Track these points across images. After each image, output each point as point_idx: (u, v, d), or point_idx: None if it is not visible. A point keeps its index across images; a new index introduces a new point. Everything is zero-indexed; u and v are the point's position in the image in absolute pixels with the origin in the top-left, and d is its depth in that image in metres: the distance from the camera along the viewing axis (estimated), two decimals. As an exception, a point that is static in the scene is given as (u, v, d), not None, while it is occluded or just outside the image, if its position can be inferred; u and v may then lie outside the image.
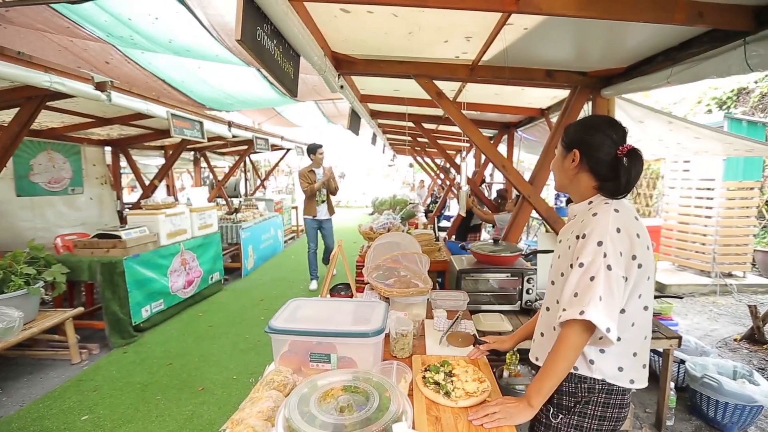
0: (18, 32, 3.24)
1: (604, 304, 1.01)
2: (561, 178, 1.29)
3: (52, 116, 3.96)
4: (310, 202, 5.17)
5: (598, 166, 1.16)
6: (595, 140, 1.16)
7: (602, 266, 1.02)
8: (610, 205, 1.11)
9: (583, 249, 1.07)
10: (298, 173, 5.20)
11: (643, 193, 8.98)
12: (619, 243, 1.05)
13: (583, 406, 1.15)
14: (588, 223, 1.09)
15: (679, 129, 3.08)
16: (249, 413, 1.10)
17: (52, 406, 2.70)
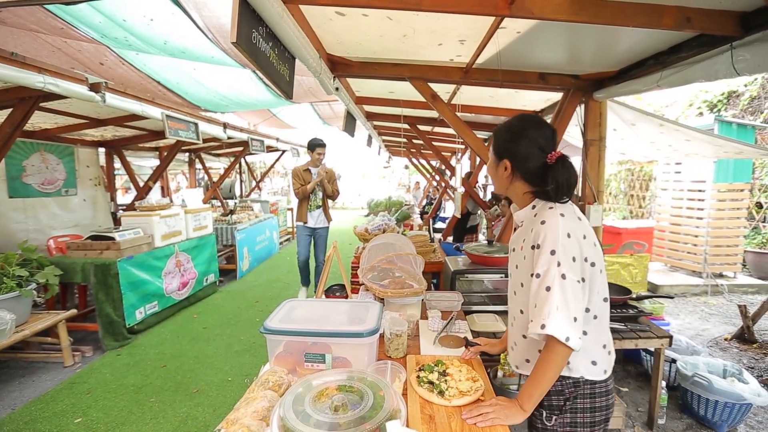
0: (11, 33, 3.22)
1: (561, 314, 1.02)
2: (498, 185, 1.30)
3: (45, 117, 3.93)
4: (302, 206, 4.62)
5: (529, 174, 1.18)
6: (522, 149, 1.17)
7: (557, 276, 1.03)
8: (555, 210, 1.11)
9: (538, 259, 1.08)
10: (292, 171, 4.71)
11: (635, 195, 9.07)
12: (570, 248, 1.06)
13: (572, 403, 1.16)
14: (539, 232, 1.09)
15: (670, 131, 3.12)
16: (244, 413, 1.10)
17: (44, 410, 2.68)
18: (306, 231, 4.66)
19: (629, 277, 3.26)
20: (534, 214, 1.17)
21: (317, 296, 2.14)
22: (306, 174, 4.55)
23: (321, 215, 4.69)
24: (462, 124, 2.90)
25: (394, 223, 3.77)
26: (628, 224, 6.34)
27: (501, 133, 1.24)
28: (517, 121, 1.22)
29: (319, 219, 4.67)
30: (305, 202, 4.57)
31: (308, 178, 4.53)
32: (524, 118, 1.22)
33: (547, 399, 1.18)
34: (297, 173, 4.57)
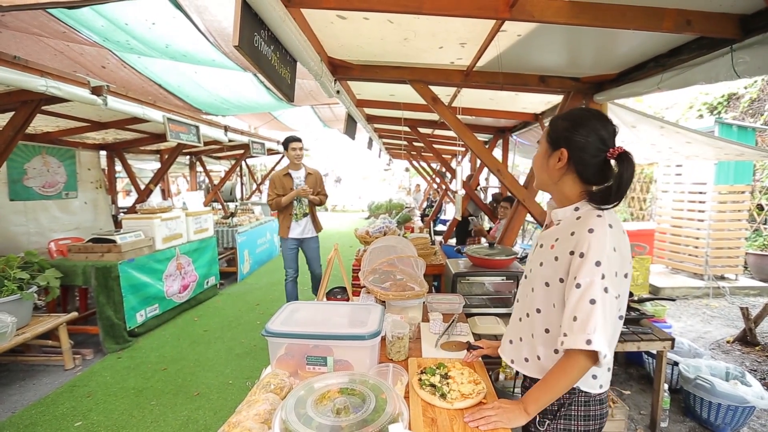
0: (14, 36, 3.23)
1: (603, 330, 0.98)
2: (543, 177, 1.21)
3: (47, 120, 3.94)
4: (284, 217, 3.92)
5: (586, 169, 1.10)
6: (584, 139, 1.07)
7: (600, 288, 0.99)
8: (603, 219, 1.05)
9: (581, 268, 1.01)
10: (270, 179, 4.05)
11: (636, 197, 9.07)
12: (614, 263, 1.02)
13: (567, 409, 1.14)
14: (584, 240, 1.03)
15: (671, 134, 3.13)
16: (246, 416, 1.10)
17: (45, 413, 2.67)
18: (292, 244, 3.98)
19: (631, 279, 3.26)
20: (577, 217, 1.10)
21: (318, 299, 2.14)
22: (286, 180, 3.90)
23: (309, 224, 4.04)
24: (463, 126, 2.91)
25: (395, 225, 3.77)
26: (629, 226, 6.33)
27: (560, 121, 1.15)
28: (579, 111, 1.15)
29: (306, 228, 4.02)
30: (288, 211, 3.90)
31: (289, 184, 3.89)
32: (587, 109, 1.15)
33: None
34: (274, 181, 3.92)
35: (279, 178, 3.91)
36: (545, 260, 1.15)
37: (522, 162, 7.66)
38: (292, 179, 3.91)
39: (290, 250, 4.02)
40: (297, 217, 3.93)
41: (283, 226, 3.94)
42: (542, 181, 1.22)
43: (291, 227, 3.91)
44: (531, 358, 1.20)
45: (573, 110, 1.17)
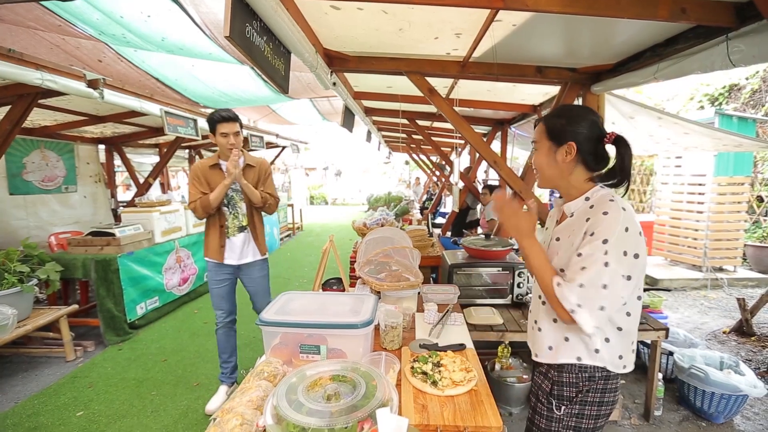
0: (9, 30, 3.23)
1: (582, 291, 1.04)
2: (552, 175, 1.23)
3: (45, 114, 3.94)
4: (211, 231, 2.66)
5: (591, 156, 1.16)
6: (587, 130, 1.15)
7: (599, 261, 1.04)
8: (617, 203, 1.10)
9: (587, 244, 1.08)
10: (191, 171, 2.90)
11: (637, 189, 9.05)
12: (624, 242, 1.05)
13: (584, 395, 1.18)
14: (597, 221, 1.08)
15: (669, 125, 3.12)
16: (239, 402, 1.12)
17: (47, 403, 2.72)
18: (224, 272, 2.67)
19: (627, 271, 3.27)
20: (590, 206, 1.15)
21: (314, 290, 2.16)
22: (213, 173, 2.59)
23: (249, 243, 2.70)
24: (459, 118, 2.90)
25: (392, 217, 3.78)
26: (628, 219, 6.33)
27: (558, 117, 1.20)
28: (571, 106, 1.24)
29: (245, 250, 2.69)
30: (216, 222, 2.63)
31: (218, 179, 2.56)
32: (575, 105, 1.26)
33: (558, 389, 1.20)
34: (197, 174, 2.60)
35: (203, 171, 2.58)
36: (562, 251, 1.19)
37: (521, 154, 7.63)
38: (222, 172, 2.56)
39: (220, 282, 2.66)
40: (230, 231, 2.63)
41: (210, 245, 2.63)
42: (550, 177, 1.24)
43: (222, 247, 2.62)
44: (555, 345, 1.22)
45: (564, 107, 1.25)
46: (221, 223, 2.64)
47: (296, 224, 10.66)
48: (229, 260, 2.66)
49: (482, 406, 1.20)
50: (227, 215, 2.65)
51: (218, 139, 2.53)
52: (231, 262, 2.67)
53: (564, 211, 1.25)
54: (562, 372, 1.19)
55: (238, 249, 2.67)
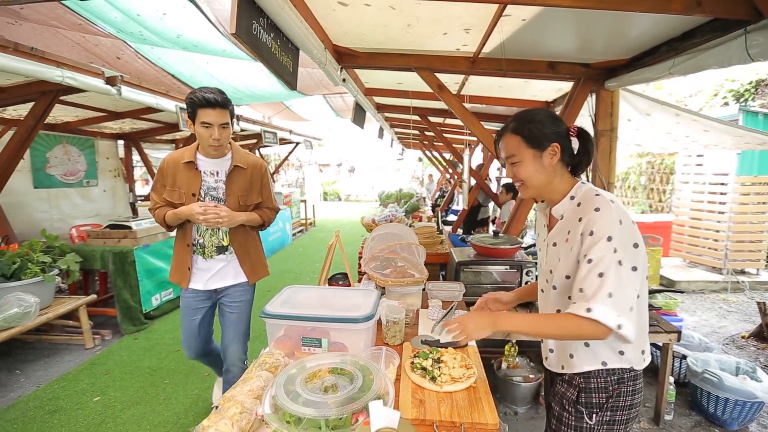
0: (33, 29, 3.34)
1: (614, 301, 0.98)
2: (541, 182, 1.18)
3: (66, 110, 4.08)
4: (177, 246, 2.06)
5: (568, 153, 1.17)
6: (562, 128, 1.17)
7: (613, 262, 1.00)
8: (603, 197, 1.08)
9: (593, 246, 1.02)
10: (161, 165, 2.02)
11: (655, 188, 8.81)
12: (626, 234, 1.03)
13: (615, 400, 1.12)
14: (592, 219, 1.05)
15: (687, 121, 3.02)
16: (240, 391, 1.15)
17: (66, 388, 2.83)
18: (197, 299, 2.08)
19: (640, 271, 3.19)
20: (577, 204, 1.13)
21: (320, 284, 2.18)
22: (186, 174, 1.94)
23: (230, 264, 2.05)
24: (469, 114, 2.88)
25: (402, 214, 3.78)
26: (645, 218, 6.18)
27: (529, 124, 1.17)
28: (530, 111, 1.24)
29: (224, 270, 2.05)
30: (182, 235, 2.01)
31: (189, 182, 1.93)
32: (530, 108, 1.26)
33: (587, 397, 1.14)
34: (165, 172, 1.97)
35: (174, 168, 1.93)
36: (562, 255, 1.15)
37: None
38: (199, 174, 1.93)
39: (195, 312, 2.09)
40: (206, 251, 1.98)
41: (177, 267, 2.03)
42: (539, 185, 1.19)
43: (189, 270, 2.00)
44: (576, 352, 1.17)
45: (524, 113, 1.22)
46: (188, 241, 1.97)
47: (309, 220, 10.76)
48: (199, 284, 2.01)
49: (480, 403, 1.20)
50: (201, 231, 1.95)
51: (198, 130, 1.81)
52: (202, 287, 2.01)
53: (552, 215, 1.23)
54: (590, 378, 1.13)
55: (215, 271, 2.02)
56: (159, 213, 1.97)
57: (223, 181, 1.97)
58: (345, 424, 0.95)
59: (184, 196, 1.92)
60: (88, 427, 2.41)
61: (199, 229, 1.98)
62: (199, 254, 2.00)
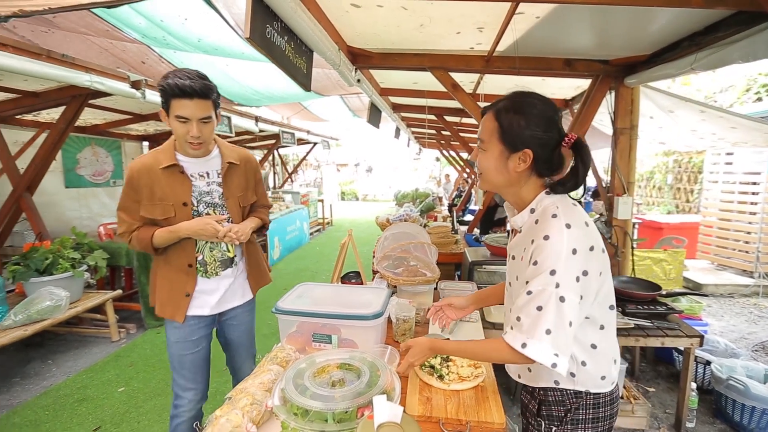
0: (65, 36, 3.52)
1: (553, 338, 0.91)
2: (499, 182, 1.06)
3: (95, 113, 4.27)
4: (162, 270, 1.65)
5: (547, 164, 1.00)
6: (548, 135, 0.98)
7: (553, 297, 0.91)
8: (559, 220, 0.95)
9: (535, 277, 0.93)
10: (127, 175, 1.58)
11: (683, 188, 8.49)
12: (575, 266, 0.92)
13: (573, 414, 1.07)
14: (540, 247, 0.94)
15: (713, 118, 2.91)
16: (252, 384, 1.19)
17: (93, 378, 2.97)
18: (200, 326, 1.71)
19: (662, 274, 3.09)
20: (535, 220, 1.01)
21: (333, 282, 2.22)
22: (168, 180, 1.57)
23: (237, 279, 1.78)
24: (484, 113, 2.85)
25: (417, 213, 3.79)
26: (670, 219, 5.97)
27: (513, 114, 0.99)
28: (529, 96, 1.01)
29: (232, 289, 1.76)
30: (175, 255, 1.63)
31: (175, 191, 1.58)
32: (533, 94, 1.02)
33: (546, 409, 1.10)
34: (134, 180, 1.55)
35: (148, 176, 1.55)
36: (519, 273, 1.05)
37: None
38: (187, 178, 1.60)
39: (195, 345, 1.71)
40: (209, 269, 1.67)
41: (168, 296, 1.64)
42: (496, 184, 1.08)
43: (188, 297, 1.63)
44: (534, 367, 1.11)
45: (522, 96, 1.03)
46: (188, 261, 1.61)
47: (326, 219, 10.88)
48: (203, 309, 1.67)
49: (487, 402, 1.20)
50: (199, 246, 1.63)
51: (173, 125, 1.49)
52: (207, 312, 1.68)
53: (513, 225, 1.12)
54: (547, 390, 1.09)
55: (221, 291, 1.69)
56: (140, 236, 1.54)
57: (217, 183, 1.65)
58: (350, 417, 0.97)
59: (172, 209, 1.55)
60: (113, 416, 2.53)
61: (197, 243, 1.62)
62: (200, 274, 1.64)
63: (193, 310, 1.66)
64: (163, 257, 1.62)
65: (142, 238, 1.55)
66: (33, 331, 2.82)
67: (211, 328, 1.78)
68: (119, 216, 1.59)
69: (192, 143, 1.52)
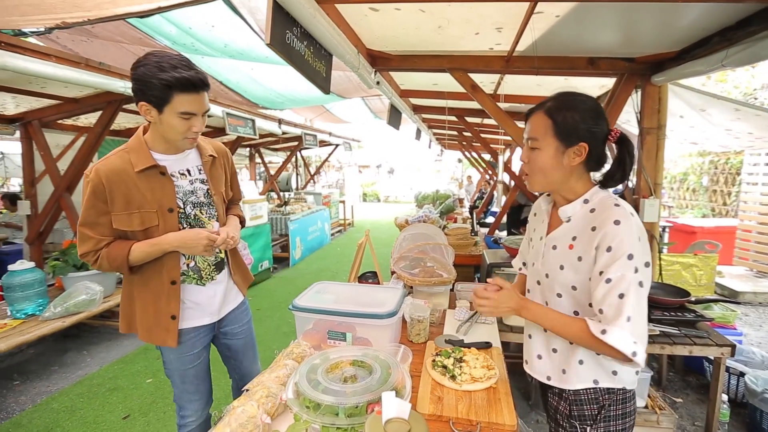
0: (102, 45, 3.73)
1: (632, 325, 0.91)
2: (555, 179, 1.07)
3: (128, 118, 4.49)
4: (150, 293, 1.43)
5: (597, 158, 1.05)
6: (602, 129, 1.03)
7: (633, 282, 0.92)
8: (624, 208, 0.98)
9: (612, 263, 0.94)
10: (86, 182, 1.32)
11: (719, 191, 8.07)
12: (645, 252, 0.96)
13: (607, 410, 1.08)
14: (610, 233, 0.96)
15: (749, 117, 2.77)
16: (268, 378, 1.23)
17: (124, 369, 3.13)
18: (202, 336, 1.60)
19: (692, 279, 2.95)
20: (590, 209, 1.04)
21: (350, 281, 2.25)
22: (150, 184, 1.37)
23: (229, 280, 1.64)
24: (503, 114, 2.83)
25: (436, 215, 3.78)
26: (705, 222, 5.69)
27: (566, 111, 1.02)
28: (577, 96, 1.07)
29: (228, 291, 1.64)
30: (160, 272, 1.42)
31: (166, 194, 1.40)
32: (579, 93, 1.08)
33: (579, 409, 1.10)
34: (101, 185, 1.30)
35: (119, 182, 1.33)
36: (566, 263, 1.07)
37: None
38: (170, 180, 1.42)
39: (195, 355, 1.61)
40: (204, 276, 1.52)
41: (153, 322, 1.46)
42: (552, 181, 1.09)
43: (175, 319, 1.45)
44: (569, 369, 1.11)
45: (570, 96, 1.06)
46: (172, 277, 1.43)
47: (347, 220, 10.98)
48: (202, 319, 1.55)
49: (499, 404, 1.20)
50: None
51: (170, 121, 1.32)
52: (207, 320, 1.57)
53: (559, 216, 1.12)
54: (579, 390, 1.10)
55: (219, 296, 1.58)
56: (112, 254, 1.33)
57: (200, 179, 1.50)
58: (360, 412, 0.99)
59: (155, 217, 1.37)
60: (141, 405, 2.65)
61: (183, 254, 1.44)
62: (194, 282, 1.49)
63: (191, 321, 1.50)
64: (138, 275, 1.41)
65: (114, 256, 1.32)
66: (70, 323, 2.99)
67: (211, 337, 1.66)
68: (82, 233, 1.32)
69: (192, 138, 1.39)
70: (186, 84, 1.27)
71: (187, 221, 1.44)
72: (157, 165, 1.37)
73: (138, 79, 1.29)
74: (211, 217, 1.51)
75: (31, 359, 3.31)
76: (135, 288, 1.44)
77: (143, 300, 1.43)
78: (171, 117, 1.30)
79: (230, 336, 1.73)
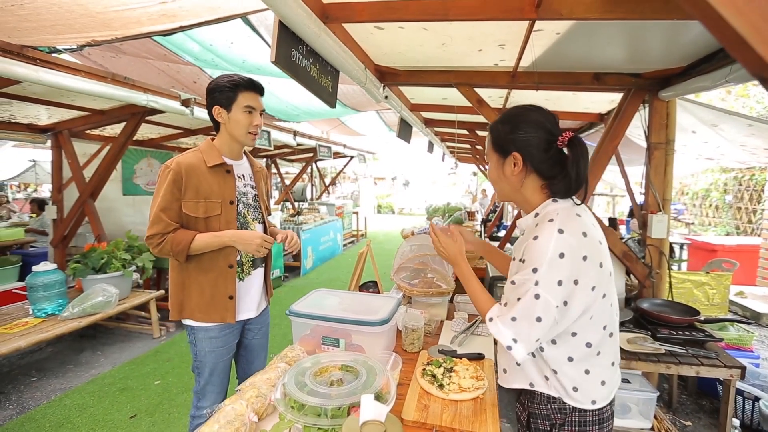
0: (129, 60, 3.96)
1: (516, 326, 0.98)
2: (505, 188, 1.13)
3: (150, 129, 4.71)
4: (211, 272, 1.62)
5: (542, 165, 1.04)
6: (532, 135, 1.03)
7: (530, 292, 0.96)
8: (553, 224, 0.98)
9: (519, 270, 1.02)
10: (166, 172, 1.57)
11: (744, 208, 7.79)
12: (558, 271, 0.95)
13: (558, 429, 1.06)
14: (528, 248, 1.00)
15: (763, 132, 2.71)
16: (260, 379, 1.28)
17: (135, 370, 3.23)
18: (234, 333, 1.74)
19: (704, 298, 2.86)
20: (535, 224, 1.06)
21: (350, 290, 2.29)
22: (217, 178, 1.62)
23: (262, 278, 1.84)
24: (509, 128, 2.85)
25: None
26: (726, 240, 5.50)
27: (500, 125, 1.10)
28: (513, 109, 1.11)
29: (261, 289, 1.84)
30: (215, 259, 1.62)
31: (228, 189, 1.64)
32: (519, 105, 1.10)
33: (534, 422, 1.10)
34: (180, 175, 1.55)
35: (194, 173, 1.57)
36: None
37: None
38: (233, 177, 1.67)
39: (226, 350, 1.72)
40: (244, 270, 1.71)
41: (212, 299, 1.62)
42: (505, 192, 1.15)
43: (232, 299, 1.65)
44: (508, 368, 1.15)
45: (510, 110, 1.13)
46: (229, 262, 1.62)
47: (360, 231, 11.06)
48: (246, 313, 1.74)
49: (484, 414, 1.20)
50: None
51: (237, 117, 1.60)
52: (244, 316, 1.73)
53: (519, 229, 1.19)
54: (533, 401, 1.10)
55: (258, 295, 1.79)
56: (178, 238, 1.50)
57: (251, 185, 1.77)
58: (342, 414, 1.02)
59: (218, 206, 1.58)
60: (148, 406, 2.73)
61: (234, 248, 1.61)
62: (237, 276, 1.67)
63: (240, 314, 1.70)
64: (194, 263, 1.59)
65: (179, 241, 1.51)
66: (86, 323, 3.12)
67: (234, 341, 1.76)
68: (156, 215, 1.52)
69: (254, 133, 1.68)
70: (248, 84, 1.65)
71: (238, 217, 1.66)
72: (224, 163, 1.65)
73: (211, 90, 1.65)
74: (254, 219, 1.75)
75: (49, 357, 3.45)
76: (191, 275, 1.62)
77: (200, 284, 1.62)
78: (237, 113, 1.62)
79: (251, 335, 1.85)
